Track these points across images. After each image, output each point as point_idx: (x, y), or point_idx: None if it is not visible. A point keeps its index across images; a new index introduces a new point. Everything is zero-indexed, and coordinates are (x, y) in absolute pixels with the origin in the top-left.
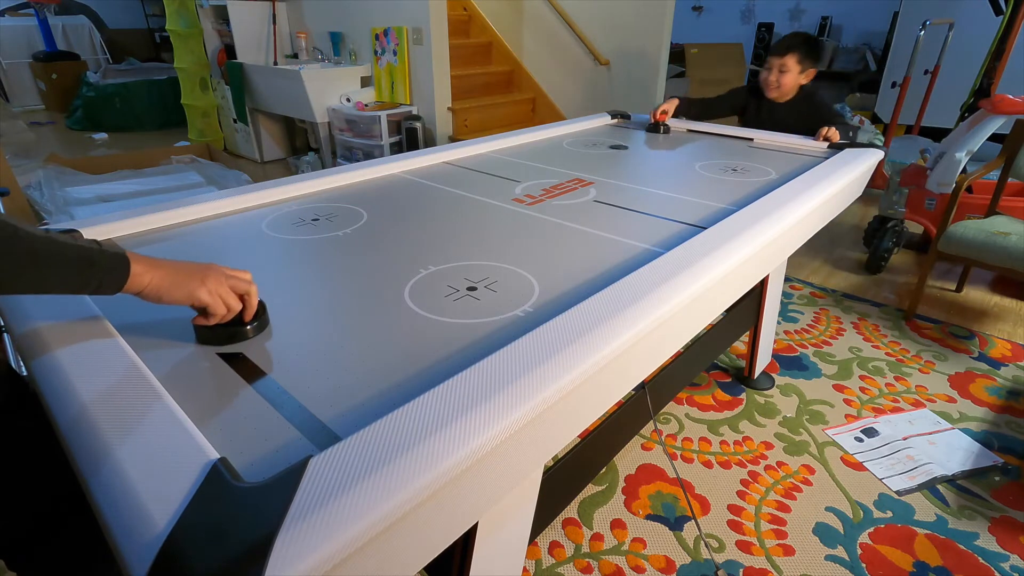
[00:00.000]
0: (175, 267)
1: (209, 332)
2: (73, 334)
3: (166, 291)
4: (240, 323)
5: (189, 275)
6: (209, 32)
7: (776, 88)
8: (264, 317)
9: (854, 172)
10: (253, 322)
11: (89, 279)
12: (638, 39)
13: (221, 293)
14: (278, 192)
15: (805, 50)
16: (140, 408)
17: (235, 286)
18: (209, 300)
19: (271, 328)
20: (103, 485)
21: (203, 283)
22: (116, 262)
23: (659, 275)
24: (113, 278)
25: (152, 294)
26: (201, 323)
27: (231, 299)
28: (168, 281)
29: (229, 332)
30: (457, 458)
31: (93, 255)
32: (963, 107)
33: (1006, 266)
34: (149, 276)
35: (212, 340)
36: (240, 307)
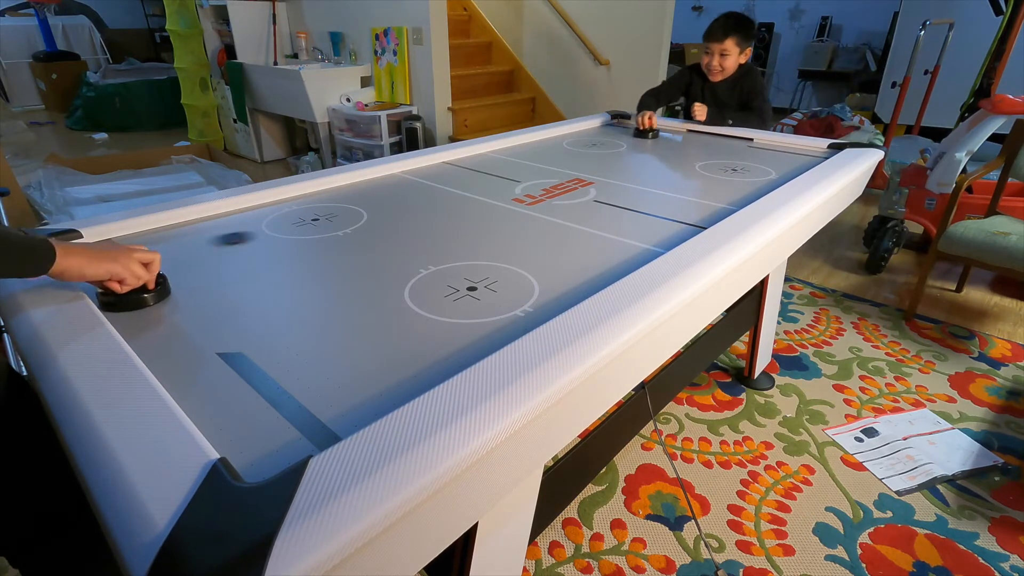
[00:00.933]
0: (89, 248)
1: (115, 300)
2: (73, 334)
3: (88, 267)
4: (142, 292)
5: (103, 253)
6: (209, 32)
7: (720, 72)
8: (165, 286)
9: (854, 172)
10: (155, 289)
11: (24, 262)
12: (638, 39)
13: (131, 266)
14: (278, 192)
15: (743, 32)
16: (140, 408)
17: (141, 257)
18: (124, 272)
19: (271, 328)
20: (103, 485)
21: (116, 259)
22: (44, 246)
23: (659, 275)
24: (43, 260)
25: (75, 272)
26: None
27: (139, 270)
28: (86, 260)
29: (134, 299)
30: (457, 458)
31: (27, 242)
32: (963, 107)
33: (1006, 266)
34: (70, 258)
35: (117, 308)
36: (148, 276)
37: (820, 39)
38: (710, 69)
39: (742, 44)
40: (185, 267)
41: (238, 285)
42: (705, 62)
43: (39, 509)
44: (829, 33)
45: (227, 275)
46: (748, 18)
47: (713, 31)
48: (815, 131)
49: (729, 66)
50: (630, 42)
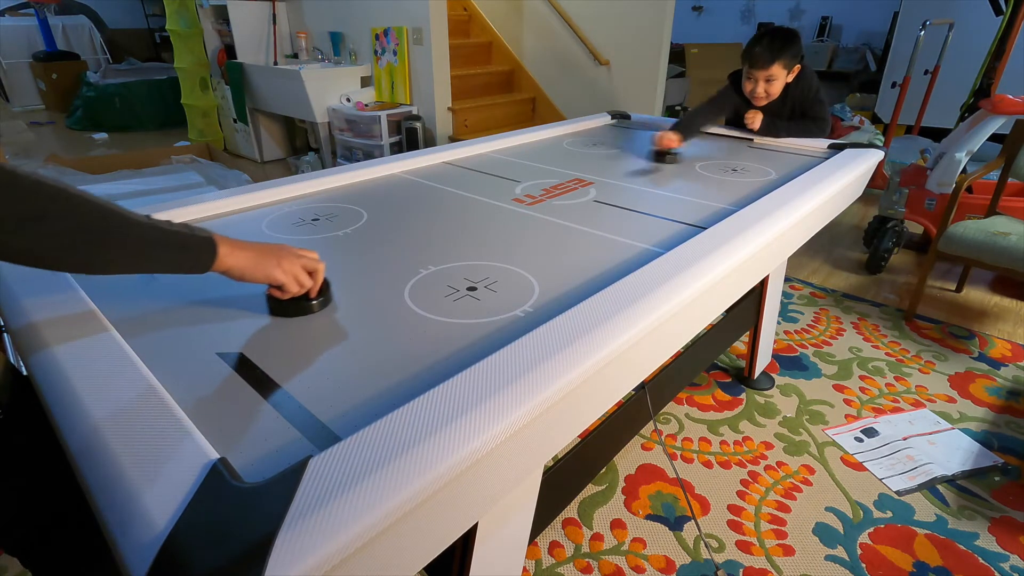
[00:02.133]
0: (255, 249)
1: (281, 305)
2: (72, 333)
3: (249, 271)
4: (307, 298)
5: (267, 256)
6: (209, 32)
7: (765, 99)
8: (328, 294)
9: (854, 172)
10: (319, 297)
11: (183, 262)
12: (638, 39)
13: (294, 272)
14: (278, 192)
15: (789, 54)
16: (140, 408)
17: (306, 265)
18: (284, 279)
19: (271, 329)
20: (103, 485)
21: (279, 264)
22: (206, 245)
23: (659, 275)
24: (203, 260)
25: (236, 274)
26: (276, 295)
27: (303, 277)
28: (250, 262)
29: (298, 306)
30: (457, 458)
31: (187, 240)
32: (963, 107)
33: (1006, 266)
34: (233, 258)
35: (283, 313)
36: (310, 284)
37: (820, 39)
38: (754, 96)
39: (790, 64)
40: None
41: (238, 285)
42: (748, 89)
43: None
44: (829, 33)
45: None
46: (793, 32)
47: (757, 57)
48: None
49: (775, 91)
50: (630, 42)
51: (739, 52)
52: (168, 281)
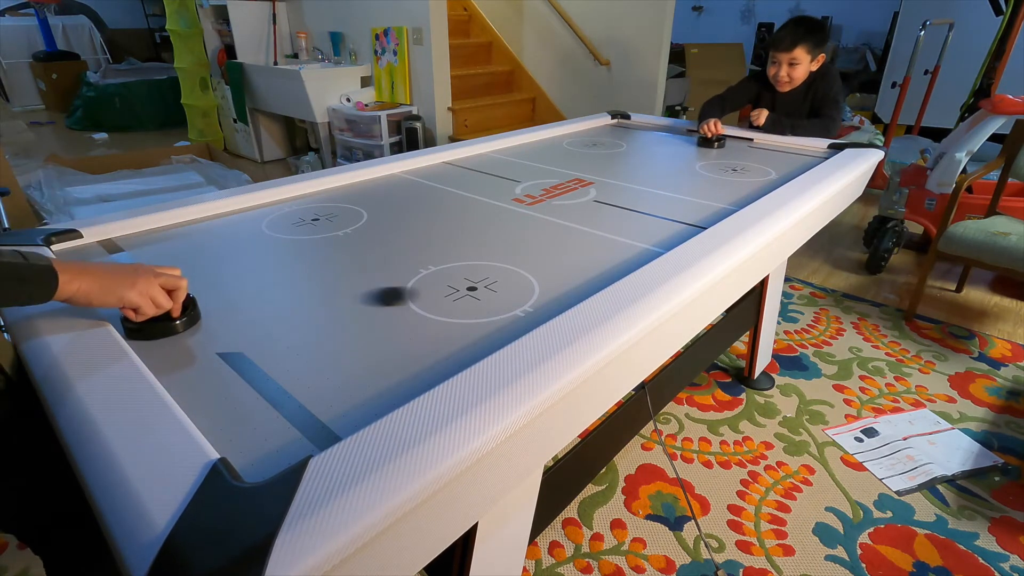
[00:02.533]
0: (103, 271)
1: (138, 328)
2: (72, 334)
3: (96, 296)
4: (169, 319)
5: (117, 278)
6: (209, 32)
7: (788, 83)
8: (195, 311)
9: (854, 172)
10: (182, 317)
11: (20, 293)
12: (638, 39)
13: (151, 293)
14: (278, 192)
15: (814, 38)
16: (140, 408)
17: (165, 283)
18: (140, 301)
19: (272, 328)
20: (103, 485)
21: (133, 285)
22: (45, 274)
23: (659, 275)
24: (42, 290)
25: (82, 299)
26: (130, 317)
27: (160, 298)
28: (97, 286)
29: (160, 327)
30: (457, 458)
31: (23, 271)
32: (963, 107)
33: (1006, 266)
34: (76, 284)
35: (141, 336)
36: (170, 304)
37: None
38: (777, 80)
39: (813, 51)
40: (185, 267)
41: (238, 285)
42: (772, 72)
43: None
44: (829, 33)
45: (227, 275)
46: (819, 22)
47: (780, 39)
48: None
49: (799, 76)
50: (630, 42)
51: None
52: None
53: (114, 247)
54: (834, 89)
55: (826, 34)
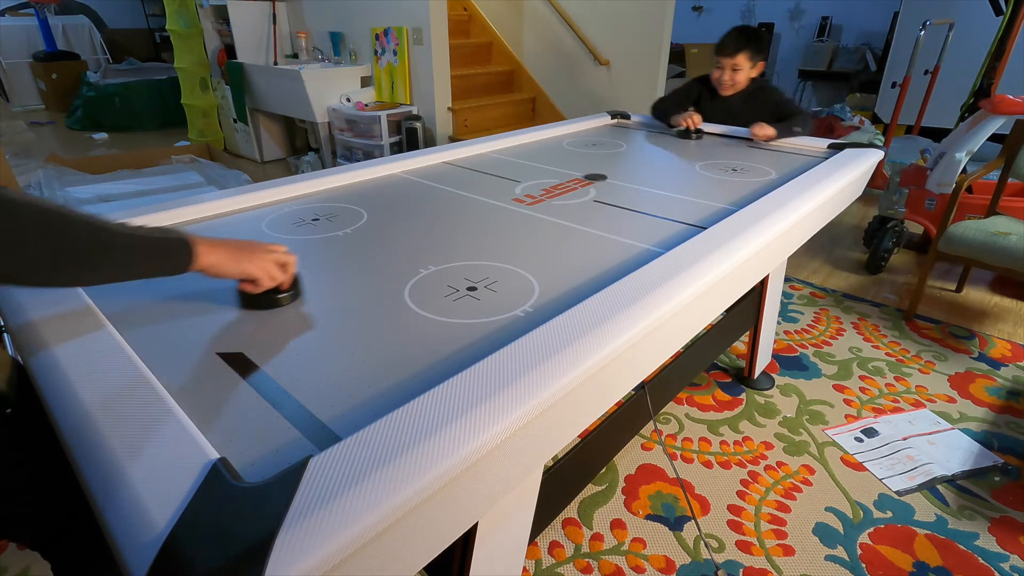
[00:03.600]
0: (229, 245)
1: (252, 299)
2: (73, 334)
3: (225, 267)
4: (278, 292)
5: (241, 252)
6: (209, 32)
7: (731, 87)
8: (298, 287)
9: (854, 172)
10: (289, 291)
11: (163, 265)
12: (638, 39)
13: (266, 267)
14: (278, 192)
15: (754, 47)
16: (140, 408)
17: (277, 259)
18: (258, 273)
19: (272, 328)
20: (103, 485)
21: (252, 259)
22: (183, 247)
23: (659, 275)
24: (182, 261)
25: (213, 271)
26: (248, 290)
27: (275, 271)
28: (225, 258)
29: (269, 299)
30: (457, 458)
31: (167, 244)
32: (963, 107)
33: (1006, 266)
34: (209, 256)
35: (255, 306)
36: (283, 277)
37: (820, 39)
38: (721, 83)
39: (754, 58)
40: None
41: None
42: (716, 76)
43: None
44: (829, 33)
45: None
46: (760, 32)
47: (724, 45)
48: (815, 131)
49: (740, 81)
50: (630, 42)
51: None
52: (169, 281)
53: None
54: (784, 95)
55: (766, 44)
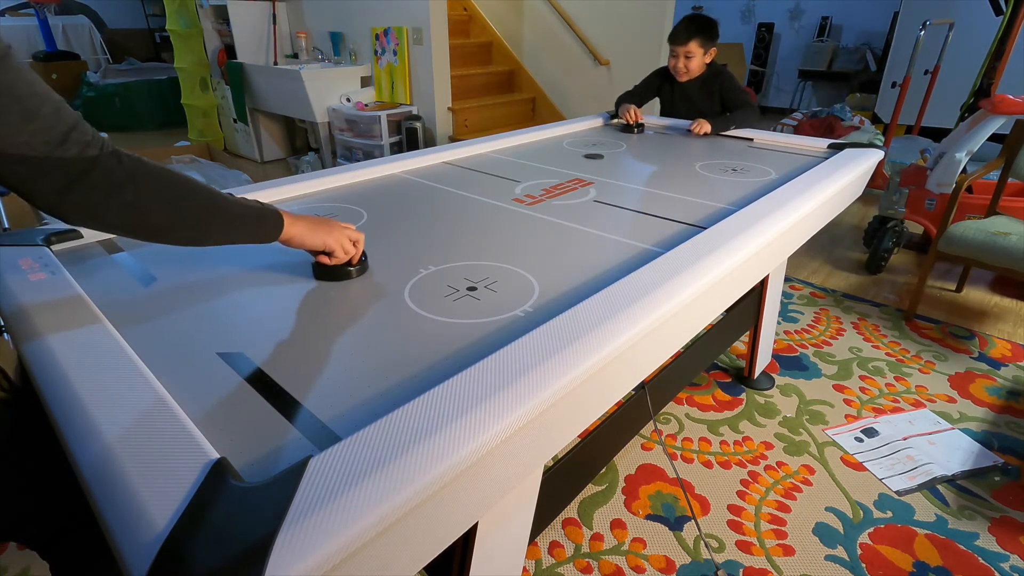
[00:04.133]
0: (310, 220)
1: (327, 271)
2: (73, 333)
3: (309, 238)
4: (349, 265)
5: (320, 226)
6: (209, 32)
7: (686, 74)
8: (365, 263)
9: (854, 172)
10: (357, 265)
11: (259, 231)
12: (638, 39)
13: (342, 241)
14: (278, 192)
15: (705, 35)
16: (140, 408)
17: (350, 235)
18: (335, 246)
19: (272, 328)
20: (103, 485)
21: (330, 233)
22: (275, 217)
23: (659, 275)
24: (275, 230)
25: (297, 241)
26: (324, 262)
27: (348, 245)
28: (308, 231)
29: (342, 271)
30: (457, 458)
31: (263, 213)
32: (963, 107)
33: (1006, 266)
34: (295, 227)
35: (329, 277)
36: (354, 252)
37: (820, 39)
38: (676, 71)
39: (706, 45)
40: (185, 266)
41: (238, 285)
42: (672, 64)
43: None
44: (829, 33)
45: (227, 275)
46: (711, 20)
47: (677, 34)
48: (815, 131)
49: (694, 67)
50: (630, 42)
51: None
52: (169, 281)
53: (114, 247)
54: (735, 84)
55: (716, 32)
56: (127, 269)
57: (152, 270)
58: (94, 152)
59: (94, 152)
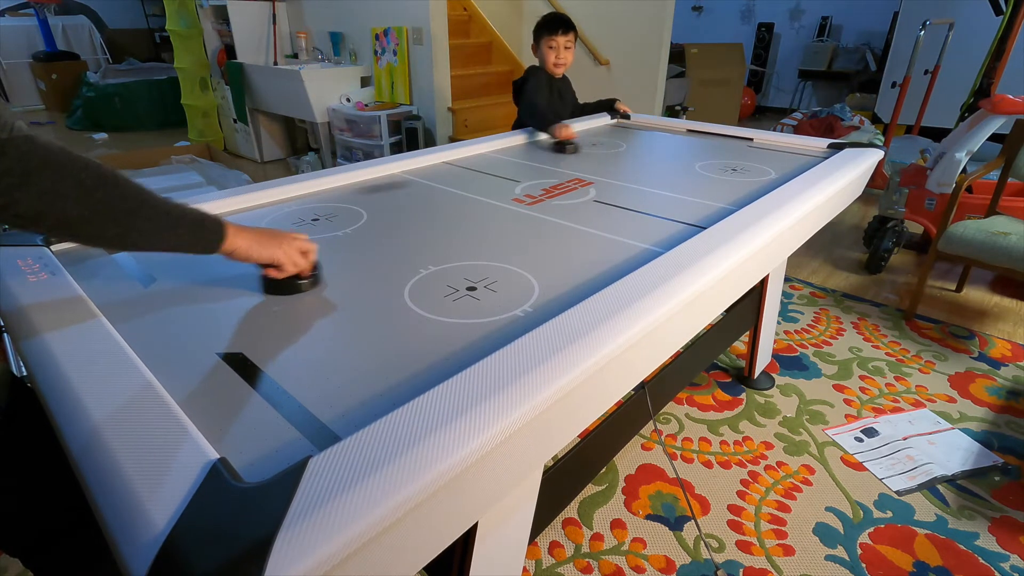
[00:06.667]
0: (256, 232)
1: (276, 284)
2: (72, 334)
3: (254, 251)
4: (299, 278)
5: (268, 238)
6: (209, 32)
7: (564, 66)
8: (318, 275)
9: (854, 172)
10: (310, 277)
11: (197, 241)
12: (638, 39)
13: (291, 253)
14: (278, 192)
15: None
16: (140, 408)
17: (300, 246)
18: (284, 259)
19: (272, 328)
20: (102, 485)
21: (280, 245)
22: (217, 226)
23: (659, 275)
24: (215, 239)
25: (242, 254)
26: (272, 275)
27: (298, 258)
28: (255, 243)
29: (292, 284)
30: (457, 458)
31: (203, 220)
32: (963, 107)
33: (1006, 266)
34: (239, 239)
35: (278, 291)
36: (305, 264)
37: (820, 39)
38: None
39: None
40: (185, 266)
41: (238, 285)
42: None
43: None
44: (829, 33)
45: (227, 275)
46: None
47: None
48: (815, 131)
49: (571, 60)
50: (630, 42)
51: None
52: (169, 282)
53: None
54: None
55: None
56: (127, 269)
57: (152, 270)
58: (3, 135)
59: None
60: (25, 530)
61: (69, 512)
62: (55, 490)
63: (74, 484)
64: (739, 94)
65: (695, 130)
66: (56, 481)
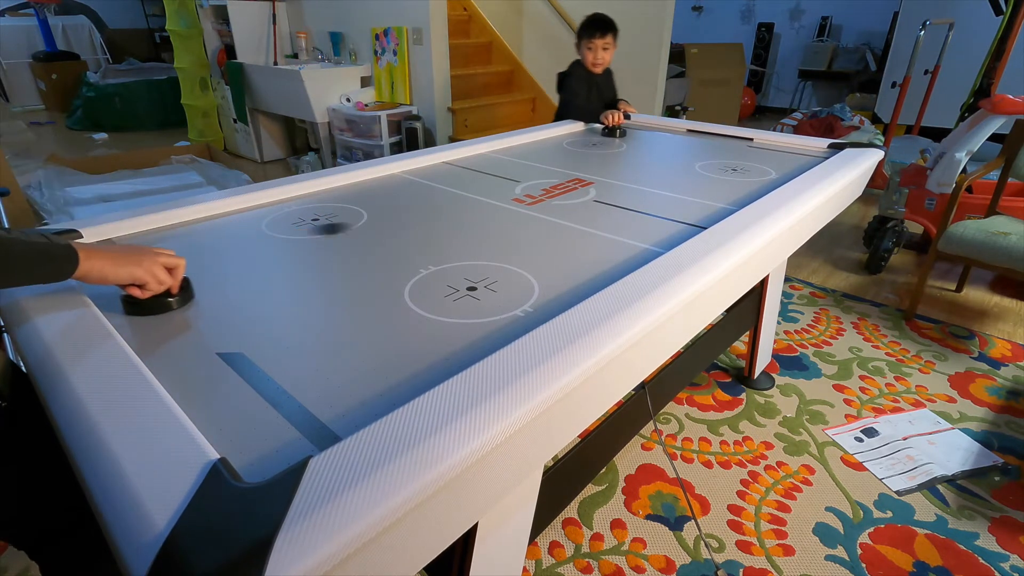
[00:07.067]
0: (113, 251)
1: (139, 304)
2: (72, 334)
3: (110, 272)
4: (168, 295)
5: (127, 257)
6: (209, 32)
7: (602, 65)
8: (189, 290)
9: (854, 172)
10: (179, 294)
11: (47, 272)
12: (638, 39)
13: (154, 270)
14: (278, 192)
15: (614, 29)
16: (140, 408)
17: (166, 262)
18: (147, 277)
19: (272, 328)
20: (103, 485)
21: (139, 263)
22: (68, 253)
23: (659, 275)
24: (66, 268)
25: (96, 276)
26: (136, 295)
27: (162, 275)
28: (110, 264)
29: (158, 303)
30: (457, 458)
31: (52, 250)
32: (963, 107)
33: (1006, 266)
34: (93, 262)
35: (141, 311)
36: (171, 281)
37: (820, 39)
38: (596, 63)
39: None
40: None
41: (238, 285)
42: (591, 59)
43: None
44: (829, 33)
45: (227, 275)
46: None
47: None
48: (815, 131)
49: (609, 60)
50: (630, 42)
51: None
52: None
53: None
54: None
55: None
56: None
57: None
58: None
59: None
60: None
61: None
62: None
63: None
64: (739, 94)
65: (695, 130)
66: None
